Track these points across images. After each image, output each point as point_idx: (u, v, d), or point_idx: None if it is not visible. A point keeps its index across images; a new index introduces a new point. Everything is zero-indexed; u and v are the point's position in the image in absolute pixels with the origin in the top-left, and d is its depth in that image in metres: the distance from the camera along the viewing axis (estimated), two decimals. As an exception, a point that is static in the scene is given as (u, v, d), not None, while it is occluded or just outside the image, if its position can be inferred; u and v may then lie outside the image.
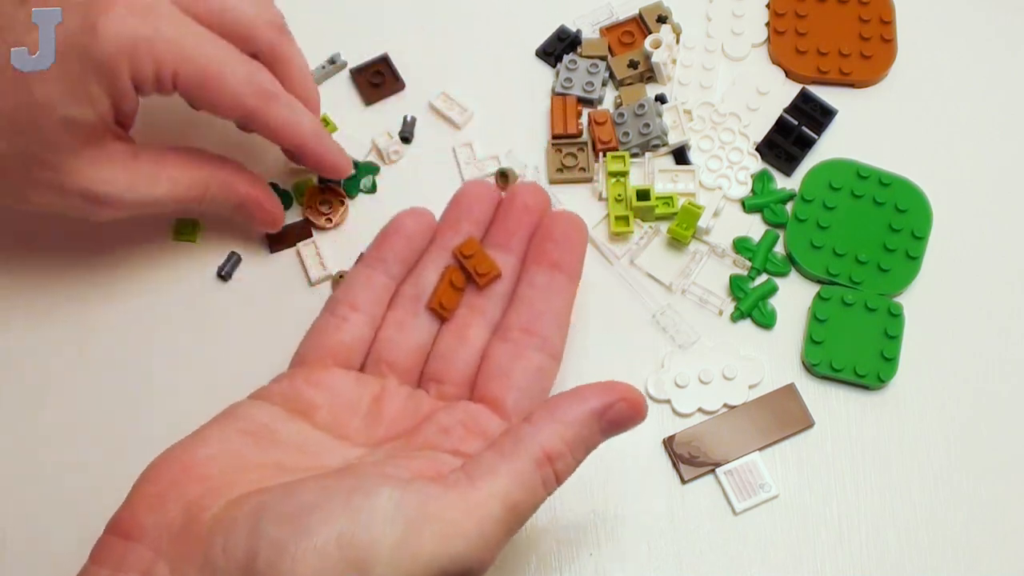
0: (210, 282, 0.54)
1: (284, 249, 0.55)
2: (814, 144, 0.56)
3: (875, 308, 0.52)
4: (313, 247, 0.54)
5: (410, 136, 0.57)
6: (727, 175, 0.56)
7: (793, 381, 0.52)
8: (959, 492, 0.50)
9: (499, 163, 0.56)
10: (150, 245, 0.55)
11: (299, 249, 0.54)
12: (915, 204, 0.54)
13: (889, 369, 0.51)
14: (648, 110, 0.55)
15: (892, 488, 0.50)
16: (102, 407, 0.52)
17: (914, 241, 0.53)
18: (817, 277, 0.53)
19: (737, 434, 0.51)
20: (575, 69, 0.57)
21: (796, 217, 0.54)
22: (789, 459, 0.51)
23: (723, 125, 0.56)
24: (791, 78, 0.58)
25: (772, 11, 0.59)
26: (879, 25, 0.58)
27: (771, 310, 0.53)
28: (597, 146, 0.56)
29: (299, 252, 0.54)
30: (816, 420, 0.51)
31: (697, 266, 0.54)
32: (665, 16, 0.59)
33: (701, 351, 0.52)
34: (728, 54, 0.59)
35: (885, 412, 0.51)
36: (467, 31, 0.60)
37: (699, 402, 0.51)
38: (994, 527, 0.50)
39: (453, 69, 0.59)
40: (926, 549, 0.49)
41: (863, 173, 0.54)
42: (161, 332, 0.53)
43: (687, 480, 0.50)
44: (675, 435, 0.51)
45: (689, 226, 0.53)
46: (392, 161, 0.57)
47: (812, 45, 0.58)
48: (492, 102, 0.58)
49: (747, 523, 0.50)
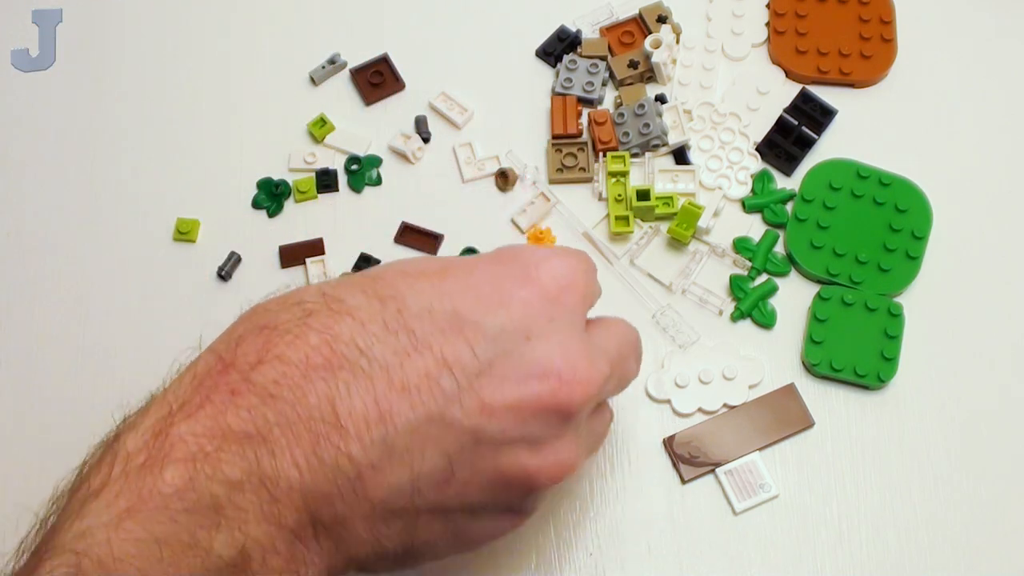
0: (210, 282, 0.54)
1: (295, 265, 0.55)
2: (814, 144, 0.56)
3: (875, 308, 0.52)
4: (321, 265, 0.54)
5: (428, 135, 0.57)
6: (727, 175, 0.56)
7: (793, 381, 0.52)
8: (959, 492, 0.50)
9: (499, 163, 0.56)
10: (150, 245, 0.55)
11: (307, 265, 0.55)
12: (915, 204, 0.54)
13: (889, 369, 0.51)
14: (648, 110, 0.55)
15: (892, 488, 0.50)
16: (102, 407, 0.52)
17: (914, 241, 0.53)
18: (817, 277, 0.53)
19: (737, 434, 0.51)
20: (575, 69, 0.57)
21: (796, 217, 0.54)
22: (789, 459, 0.51)
23: (723, 125, 0.56)
24: (791, 78, 0.58)
25: (772, 11, 0.59)
26: (879, 25, 0.58)
27: (771, 310, 0.53)
28: (597, 146, 0.56)
29: (306, 267, 0.55)
30: (816, 420, 0.51)
31: (697, 266, 0.54)
32: (665, 16, 0.59)
33: (701, 351, 0.52)
34: (728, 54, 0.58)
35: (885, 412, 0.51)
36: (467, 31, 0.60)
37: (699, 402, 0.51)
38: (994, 527, 0.50)
39: (453, 69, 0.59)
40: (926, 549, 0.49)
41: (863, 173, 0.54)
42: (161, 332, 0.53)
43: (687, 480, 0.50)
44: (675, 435, 0.51)
45: (689, 226, 0.53)
46: (417, 159, 0.57)
47: (812, 45, 0.58)
48: (492, 102, 0.58)
49: (747, 523, 0.49)
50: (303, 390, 0.34)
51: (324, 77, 0.59)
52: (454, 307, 0.36)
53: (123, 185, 0.57)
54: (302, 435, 0.34)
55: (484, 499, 0.37)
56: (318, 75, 0.58)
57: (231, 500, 0.33)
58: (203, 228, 0.56)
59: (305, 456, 0.34)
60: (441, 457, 0.35)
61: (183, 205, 0.56)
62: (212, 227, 0.56)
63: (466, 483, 0.36)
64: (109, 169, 0.57)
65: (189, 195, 0.56)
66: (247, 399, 0.34)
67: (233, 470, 0.33)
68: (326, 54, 0.59)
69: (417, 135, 0.57)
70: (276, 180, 0.56)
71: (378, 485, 0.35)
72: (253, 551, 0.33)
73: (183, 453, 0.33)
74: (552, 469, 0.37)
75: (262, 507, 0.33)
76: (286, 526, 0.34)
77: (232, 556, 0.33)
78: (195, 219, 0.55)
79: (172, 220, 0.56)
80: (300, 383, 0.34)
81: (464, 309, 0.36)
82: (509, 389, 0.35)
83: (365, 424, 0.34)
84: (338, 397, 0.34)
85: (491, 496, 0.37)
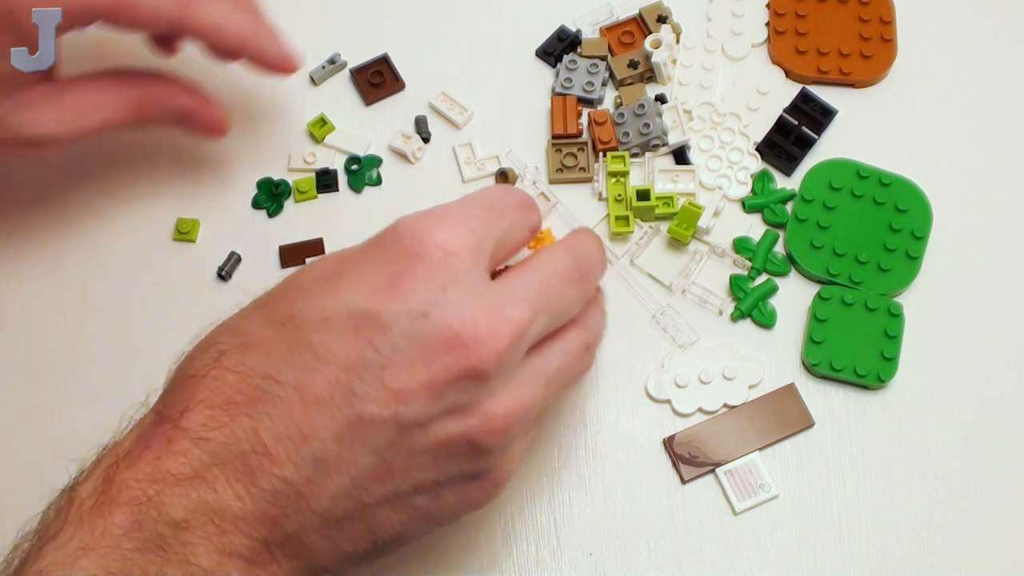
0: (210, 282, 0.54)
1: (295, 265, 0.55)
2: (814, 144, 0.56)
3: (875, 308, 0.52)
4: None
5: (428, 135, 0.57)
6: (727, 175, 0.56)
7: (793, 381, 0.52)
8: (959, 492, 0.50)
9: (499, 163, 0.56)
10: (150, 245, 0.55)
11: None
12: (915, 204, 0.54)
13: (889, 369, 0.51)
14: (648, 110, 0.55)
15: (892, 488, 0.50)
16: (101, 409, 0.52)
17: (914, 241, 0.53)
18: (817, 277, 0.53)
19: (737, 434, 0.51)
20: (575, 69, 0.57)
21: (796, 217, 0.54)
22: (789, 459, 0.51)
23: (723, 125, 0.56)
24: (791, 78, 0.58)
25: (772, 11, 0.59)
26: (879, 25, 0.58)
27: (771, 310, 0.53)
28: (597, 146, 0.56)
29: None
30: (816, 420, 0.51)
31: (697, 266, 0.54)
32: (665, 16, 0.59)
33: (701, 351, 0.52)
34: (728, 54, 0.58)
35: (885, 412, 0.51)
36: (467, 31, 0.60)
37: (699, 402, 0.51)
38: (994, 527, 0.50)
39: (453, 69, 0.59)
40: (926, 549, 0.49)
41: (863, 173, 0.54)
42: (161, 332, 0.53)
43: (687, 480, 0.50)
44: (675, 435, 0.51)
45: (689, 226, 0.53)
46: (417, 159, 0.57)
47: (812, 45, 0.58)
48: (492, 102, 0.58)
49: (747, 523, 0.50)
50: (230, 428, 0.36)
51: (324, 77, 0.59)
52: (347, 308, 0.37)
53: (123, 185, 0.57)
54: (238, 469, 0.36)
55: (434, 476, 0.38)
56: (318, 75, 0.58)
57: (178, 538, 0.35)
58: (203, 228, 0.56)
59: (244, 487, 0.36)
60: (372, 454, 0.37)
61: (183, 205, 0.56)
62: (212, 227, 0.56)
63: (407, 468, 0.37)
64: (109, 169, 0.57)
65: (189, 195, 0.56)
66: (181, 444, 0.36)
67: (177, 510, 0.35)
68: (326, 54, 0.59)
69: (417, 135, 0.57)
70: (276, 180, 0.56)
71: (320, 496, 0.36)
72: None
73: (128, 497, 0.35)
74: (489, 424, 0.38)
75: (211, 539, 0.36)
76: (238, 554, 0.36)
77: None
78: (195, 219, 0.55)
79: (172, 220, 0.56)
80: (226, 422, 0.36)
81: (357, 306, 0.37)
82: (417, 371, 0.36)
83: (292, 445, 0.36)
84: (262, 427, 0.36)
85: (439, 471, 0.38)
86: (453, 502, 0.39)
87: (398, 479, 0.37)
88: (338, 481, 0.36)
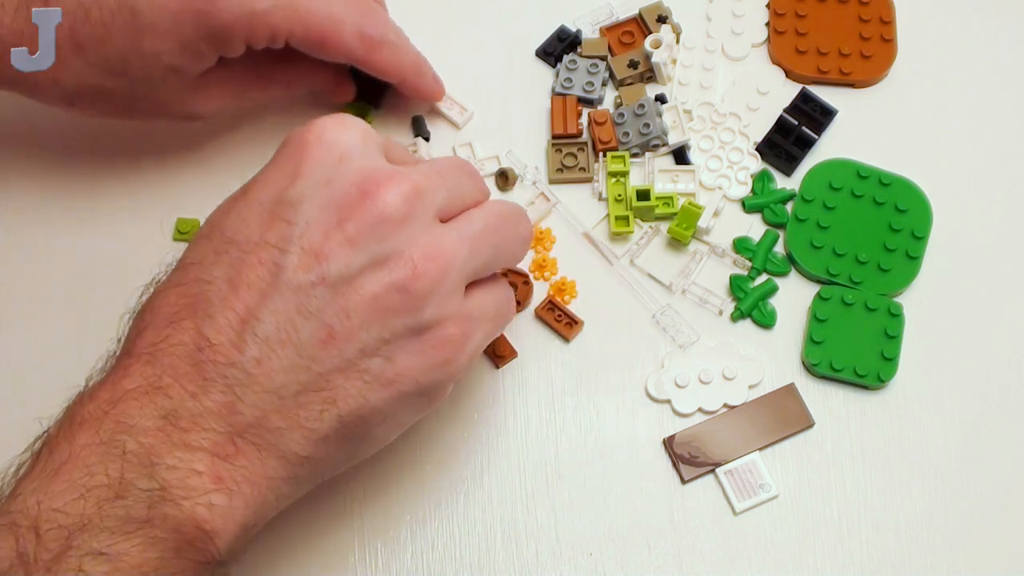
0: (210, 282, 0.54)
1: None
2: (814, 144, 0.56)
3: (875, 308, 0.52)
4: None
5: (428, 135, 0.57)
6: (727, 175, 0.56)
7: (793, 381, 0.52)
8: (959, 492, 0.50)
9: (499, 163, 0.56)
10: (150, 245, 0.55)
11: None
12: (915, 204, 0.54)
13: (889, 369, 0.51)
14: (648, 110, 0.55)
15: (892, 488, 0.50)
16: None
17: (914, 241, 0.53)
18: (817, 277, 0.53)
19: (737, 434, 0.51)
20: (575, 69, 0.57)
21: (796, 217, 0.54)
22: (789, 459, 0.51)
23: (723, 125, 0.56)
24: (791, 78, 0.58)
25: (772, 11, 0.59)
26: (879, 25, 0.58)
27: (771, 310, 0.53)
28: (597, 146, 0.56)
29: None
30: (816, 420, 0.51)
31: (697, 266, 0.54)
32: (665, 16, 0.59)
33: (701, 351, 0.52)
34: (728, 54, 0.59)
35: (885, 412, 0.51)
36: (467, 31, 0.60)
37: (699, 402, 0.51)
38: (994, 527, 0.50)
39: (453, 69, 0.59)
40: (926, 549, 0.49)
41: (863, 173, 0.54)
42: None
43: (687, 480, 0.50)
44: (675, 435, 0.51)
45: (689, 226, 0.53)
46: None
47: (812, 45, 0.58)
48: (492, 102, 0.58)
49: (747, 523, 0.50)
50: (176, 337, 0.39)
51: (324, 77, 0.59)
52: (260, 203, 0.40)
53: (123, 185, 0.57)
54: (187, 371, 0.38)
55: (378, 333, 0.39)
56: (318, 75, 0.58)
57: (139, 442, 0.37)
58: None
59: (196, 384, 0.38)
60: (310, 320, 0.39)
61: (183, 205, 0.56)
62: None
63: (349, 330, 0.39)
64: (109, 169, 0.57)
65: (189, 195, 0.56)
66: (135, 367, 0.39)
67: (134, 419, 0.38)
68: (326, 54, 0.59)
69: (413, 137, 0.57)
70: None
71: (271, 373, 0.38)
72: (169, 477, 0.37)
73: (89, 417, 0.38)
74: (414, 269, 0.39)
75: (170, 438, 0.38)
76: (201, 448, 0.38)
77: (151, 485, 0.37)
78: (195, 219, 0.55)
79: (172, 220, 0.56)
80: (171, 333, 0.39)
81: (267, 199, 0.40)
82: (331, 232, 0.39)
83: (232, 331, 0.38)
84: (203, 326, 0.39)
85: (381, 327, 0.39)
86: (409, 364, 0.40)
87: (342, 342, 0.39)
88: (283, 354, 0.38)
